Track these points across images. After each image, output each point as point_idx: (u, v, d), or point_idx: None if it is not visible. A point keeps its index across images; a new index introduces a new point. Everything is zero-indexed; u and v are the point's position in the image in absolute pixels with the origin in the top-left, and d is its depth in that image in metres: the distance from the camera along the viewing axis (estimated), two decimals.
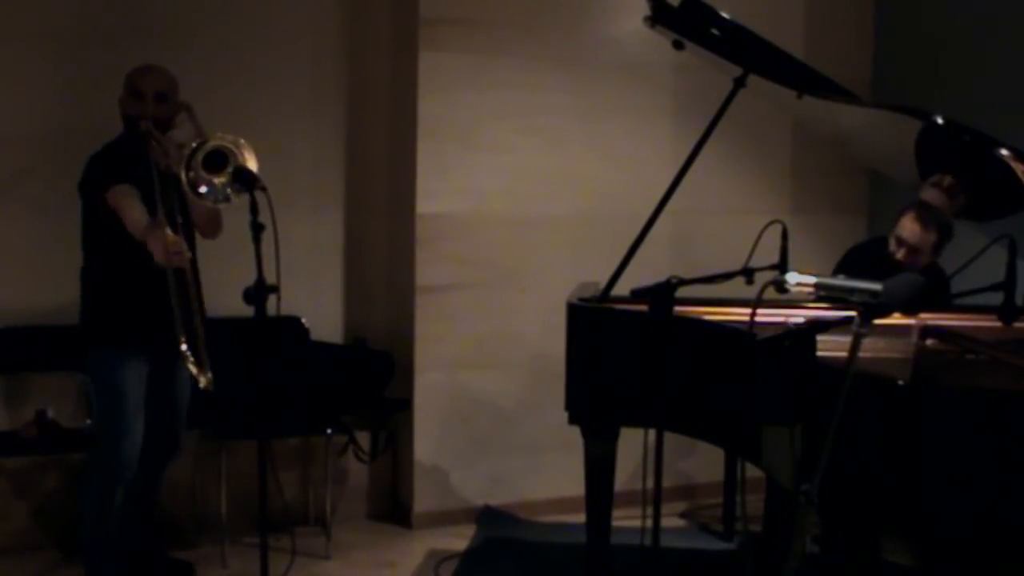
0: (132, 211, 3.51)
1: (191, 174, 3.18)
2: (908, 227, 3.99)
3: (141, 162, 3.56)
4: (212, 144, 3.18)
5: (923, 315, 3.47)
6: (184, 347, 3.57)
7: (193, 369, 3.56)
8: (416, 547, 4.53)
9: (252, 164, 3.17)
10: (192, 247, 3.69)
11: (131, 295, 3.64)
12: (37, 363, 4.35)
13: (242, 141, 3.19)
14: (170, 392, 3.81)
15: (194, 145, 3.20)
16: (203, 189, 3.21)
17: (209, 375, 3.55)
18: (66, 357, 3.97)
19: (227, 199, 3.21)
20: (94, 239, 3.69)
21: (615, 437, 3.71)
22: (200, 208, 3.58)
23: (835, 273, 4.16)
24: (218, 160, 3.20)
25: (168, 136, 3.58)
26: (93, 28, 4.35)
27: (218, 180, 3.20)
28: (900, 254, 3.99)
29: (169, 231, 3.47)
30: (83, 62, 4.29)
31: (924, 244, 3.97)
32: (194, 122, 3.55)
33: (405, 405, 4.74)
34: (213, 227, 3.76)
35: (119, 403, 3.65)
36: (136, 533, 3.89)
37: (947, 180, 3.90)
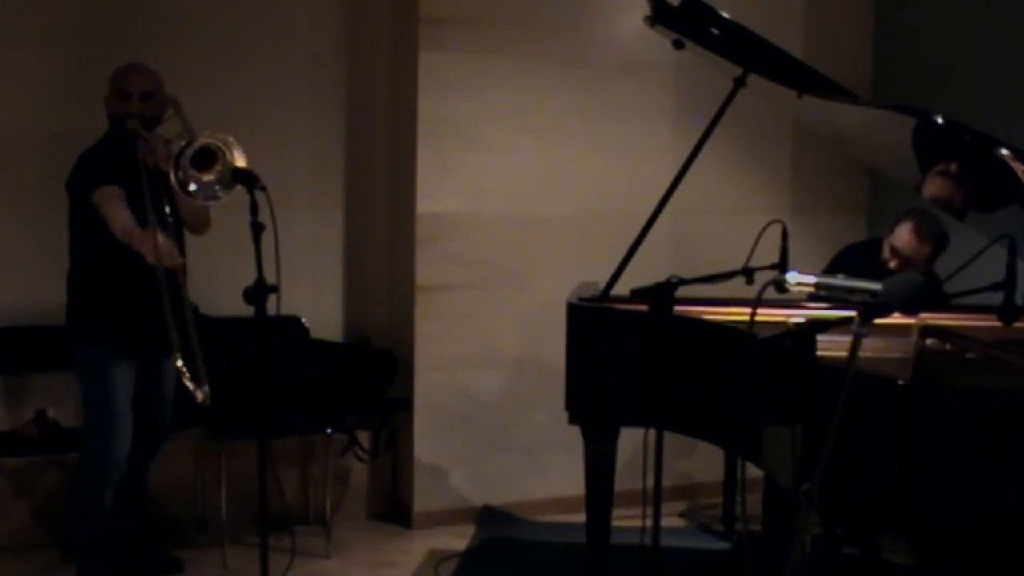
0: (117, 213, 3.50)
1: (180, 173, 3.18)
2: (904, 238, 3.98)
3: (129, 161, 3.55)
4: (200, 142, 3.18)
5: (923, 315, 3.47)
6: (180, 363, 3.55)
7: (190, 385, 3.54)
8: (416, 547, 4.53)
9: (241, 162, 3.17)
10: (181, 245, 3.69)
11: (117, 293, 3.64)
12: (37, 363, 4.35)
13: (230, 139, 3.19)
14: (157, 387, 3.82)
15: (182, 144, 3.20)
16: (192, 187, 3.21)
17: (206, 389, 3.52)
18: (66, 357, 3.96)
19: (215, 196, 3.22)
20: (80, 238, 3.67)
21: (615, 437, 3.71)
22: (188, 205, 3.57)
23: (827, 270, 4.17)
24: (206, 158, 3.20)
25: (155, 134, 3.58)
26: (88, 30, 4.34)
27: (207, 178, 3.20)
28: (893, 263, 3.98)
29: (161, 235, 3.46)
30: (78, 64, 4.28)
31: (919, 255, 3.96)
32: (182, 118, 3.55)
33: (405, 405, 4.74)
34: (201, 223, 3.76)
35: (108, 403, 3.65)
36: (127, 527, 3.89)
37: (954, 167, 3.84)
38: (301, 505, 4.68)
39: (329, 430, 4.49)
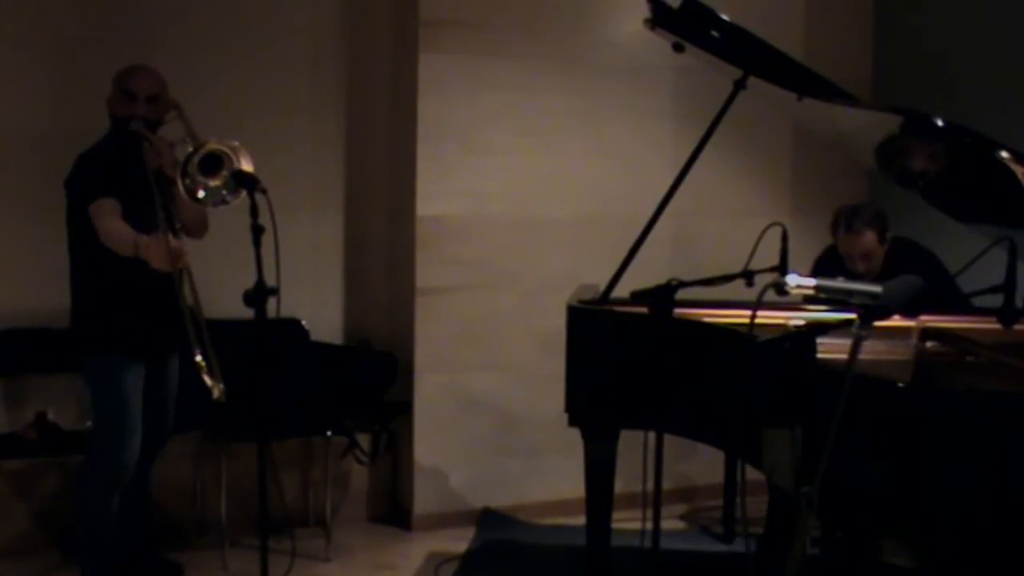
0: (114, 227, 3.47)
1: (187, 180, 3.18)
2: (847, 243, 3.96)
3: (132, 164, 3.54)
4: (207, 149, 3.19)
5: (923, 317, 3.46)
6: (199, 358, 3.55)
7: (208, 380, 3.54)
8: (416, 549, 4.53)
9: (247, 167, 3.17)
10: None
11: (122, 296, 3.62)
12: (38, 365, 4.35)
13: (237, 144, 3.19)
14: (162, 389, 3.81)
15: (190, 150, 3.20)
16: (201, 194, 3.22)
17: (221, 386, 3.52)
18: (67, 359, 3.97)
19: (224, 202, 3.23)
20: (79, 237, 3.64)
21: (615, 439, 3.71)
22: (188, 209, 3.57)
23: (814, 269, 4.16)
24: (213, 163, 3.20)
25: (159, 137, 3.58)
26: (89, 30, 4.34)
27: (213, 183, 3.21)
28: (861, 268, 3.96)
29: (171, 238, 3.46)
30: (78, 64, 4.28)
31: (868, 246, 3.94)
32: (184, 121, 3.55)
33: (405, 407, 4.73)
34: (201, 228, 3.76)
35: (120, 408, 3.64)
36: (130, 531, 3.89)
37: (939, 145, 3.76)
38: (301, 508, 4.68)
39: (329, 432, 4.49)
